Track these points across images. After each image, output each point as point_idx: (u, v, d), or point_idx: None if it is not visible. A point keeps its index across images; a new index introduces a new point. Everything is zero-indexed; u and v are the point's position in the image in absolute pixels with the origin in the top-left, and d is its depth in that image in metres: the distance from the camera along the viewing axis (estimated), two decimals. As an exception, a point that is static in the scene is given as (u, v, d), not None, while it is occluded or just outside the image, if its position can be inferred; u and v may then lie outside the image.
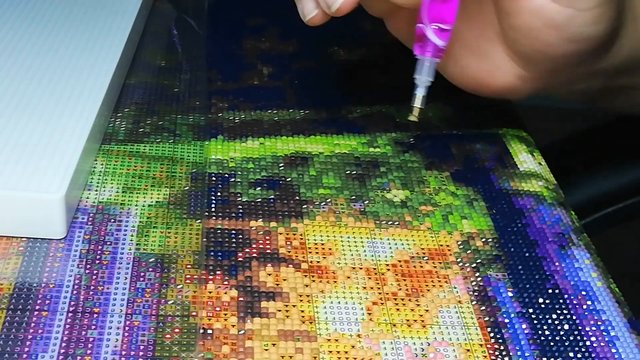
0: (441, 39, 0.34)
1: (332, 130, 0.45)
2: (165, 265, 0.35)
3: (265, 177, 0.41)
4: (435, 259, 0.37)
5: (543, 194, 0.42)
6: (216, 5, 0.58)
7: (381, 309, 0.34)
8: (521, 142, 0.47)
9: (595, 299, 0.36)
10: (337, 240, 0.38)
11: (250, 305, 0.34)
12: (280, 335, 0.32)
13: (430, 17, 0.34)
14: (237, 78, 0.50)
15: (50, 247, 0.35)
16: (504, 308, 0.35)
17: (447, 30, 0.34)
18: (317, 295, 0.34)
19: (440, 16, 0.34)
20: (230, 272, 0.35)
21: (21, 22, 0.47)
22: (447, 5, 0.33)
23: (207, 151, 0.42)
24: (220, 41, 0.54)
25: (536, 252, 0.38)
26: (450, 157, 0.44)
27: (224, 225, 0.38)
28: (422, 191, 0.42)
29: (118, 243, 0.36)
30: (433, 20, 0.34)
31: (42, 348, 0.30)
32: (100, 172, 0.39)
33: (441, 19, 0.34)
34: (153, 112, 0.45)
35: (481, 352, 0.33)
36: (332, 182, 0.41)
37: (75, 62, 0.44)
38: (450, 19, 0.34)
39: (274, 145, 0.44)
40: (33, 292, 0.33)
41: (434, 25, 0.34)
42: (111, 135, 0.42)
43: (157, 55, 0.50)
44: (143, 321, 0.32)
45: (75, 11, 0.49)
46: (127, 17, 0.49)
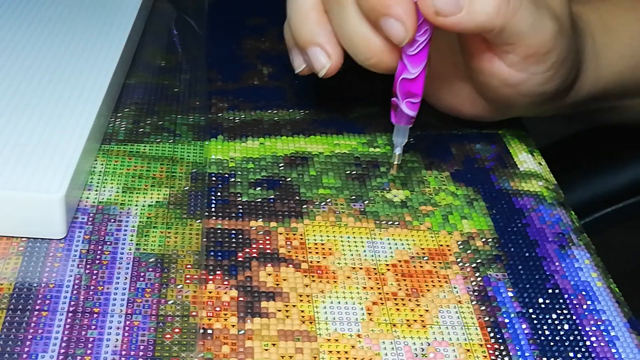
0: (412, 110, 0.39)
1: (332, 130, 0.45)
2: (165, 265, 0.35)
3: (265, 177, 0.41)
4: (435, 259, 0.37)
5: (543, 194, 0.42)
6: (216, 5, 0.58)
7: (381, 309, 0.34)
8: (521, 142, 0.47)
9: (595, 299, 0.36)
10: (337, 240, 0.38)
11: (250, 305, 0.34)
12: (280, 335, 0.32)
13: (402, 94, 0.39)
14: (237, 78, 0.50)
15: (50, 247, 0.35)
16: (504, 308, 0.35)
17: (417, 102, 0.39)
18: (317, 295, 0.34)
19: (411, 92, 0.39)
20: (230, 272, 0.35)
21: (21, 22, 0.47)
22: (415, 83, 0.38)
23: (207, 151, 0.42)
24: (220, 41, 0.54)
25: (536, 252, 0.38)
26: (450, 157, 0.45)
27: (224, 225, 0.38)
28: (422, 191, 0.42)
29: (118, 243, 0.36)
30: (405, 96, 0.39)
31: (42, 348, 0.30)
32: (100, 172, 0.40)
33: (411, 94, 0.39)
34: (153, 112, 0.45)
35: (481, 352, 0.33)
36: (332, 182, 0.41)
37: (75, 62, 0.44)
38: (419, 93, 0.39)
39: (274, 145, 0.44)
40: (33, 292, 0.33)
41: (406, 100, 0.39)
42: (111, 135, 0.42)
43: (157, 55, 0.50)
44: (143, 321, 0.32)
45: (75, 11, 0.49)
46: (127, 17, 0.49)
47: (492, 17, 0.37)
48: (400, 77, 0.38)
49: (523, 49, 0.39)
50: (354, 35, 0.38)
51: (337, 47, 0.39)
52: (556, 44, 0.39)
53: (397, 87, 0.39)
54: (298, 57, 0.42)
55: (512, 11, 0.37)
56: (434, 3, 0.36)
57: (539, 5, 0.38)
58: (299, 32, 0.40)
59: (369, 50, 0.38)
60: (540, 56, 0.39)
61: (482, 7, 0.37)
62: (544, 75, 0.40)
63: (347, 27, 0.38)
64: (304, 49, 0.40)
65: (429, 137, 0.46)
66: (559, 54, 0.40)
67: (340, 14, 0.38)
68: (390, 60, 0.38)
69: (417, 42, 0.37)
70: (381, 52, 0.38)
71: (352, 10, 0.38)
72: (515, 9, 0.37)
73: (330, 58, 0.40)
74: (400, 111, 0.39)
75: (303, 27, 0.40)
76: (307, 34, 0.40)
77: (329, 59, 0.40)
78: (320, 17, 0.39)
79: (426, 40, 0.37)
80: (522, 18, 0.38)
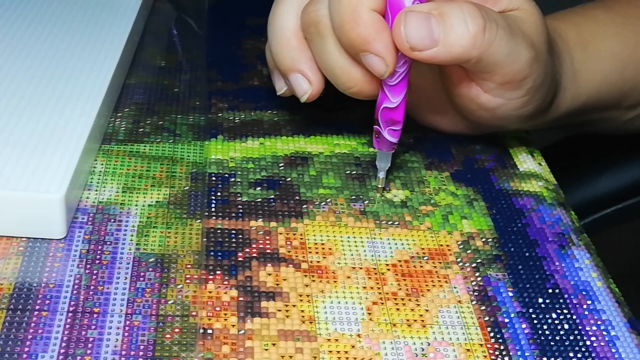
0: (394, 137, 0.40)
1: (332, 130, 0.45)
2: (165, 265, 0.35)
3: (265, 177, 0.41)
4: (435, 259, 0.37)
5: (543, 194, 0.42)
6: (216, 5, 0.58)
7: (381, 308, 0.34)
8: (521, 142, 0.47)
9: (595, 298, 0.36)
10: (337, 240, 0.38)
11: (250, 305, 0.34)
12: (280, 335, 0.32)
13: (384, 122, 0.39)
14: (237, 78, 0.50)
15: (50, 247, 0.35)
16: (504, 308, 0.35)
17: (399, 129, 0.39)
18: (317, 295, 0.34)
19: (392, 119, 0.39)
20: (230, 272, 0.35)
21: (21, 22, 0.47)
22: (396, 111, 0.39)
23: (207, 151, 0.42)
24: (220, 41, 0.54)
25: (536, 252, 0.38)
26: (450, 157, 0.45)
27: (224, 225, 0.38)
28: (422, 191, 0.42)
29: (118, 243, 0.36)
30: (386, 124, 0.39)
31: (42, 348, 0.30)
32: (100, 172, 0.40)
33: (393, 121, 0.39)
34: (153, 112, 0.45)
35: (481, 352, 0.33)
36: (332, 182, 0.41)
37: (75, 62, 0.44)
38: (400, 120, 0.39)
39: (274, 145, 0.44)
40: (33, 292, 0.33)
41: (388, 128, 0.39)
42: (111, 135, 0.42)
43: (157, 55, 0.50)
44: (143, 321, 0.32)
45: (75, 11, 0.49)
46: (127, 17, 0.49)
47: (468, 49, 0.38)
48: (381, 106, 0.39)
49: (499, 77, 0.40)
50: (335, 66, 0.39)
51: (318, 73, 0.40)
52: (532, 71, 0.40)
53: (379, 115, 0.39)
54: (280, 80, 0.42)
55: (487, 43, 0.38)
56: (408, 40, 0.37)
57: (515, 34, 0.39)
58: (280, 58, 0.40)
59: (350, 80, 0.39)
60: (516, 83, 0.40)
61: (457, 40, 0.37)
62: (520, 100, 0.41)
63: (327, 57, 0.39)
64: (285, 74, 0.41)
65: (429, 137, 0.46)
66: (534, 80, 0.40)
67: (321, 44, 0.39)
68: (372, 88, 0.39)
69: (397, 73, 0.38)
70: (362, 81, 0.39)
71: (331, 42, 0.38)
72: (490, 41, 0.38)
73: (311, 84, 0.40)
74: (382, 138, 0.39)
75: (284, 54, 0.40)
76: (289, 61, 0.40)
77: (310, 85, 0.40)
78: (301, 43, 0.40)
79: (406, 70, 0.38)
80: (498, 48, 0.38)
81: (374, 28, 0.37)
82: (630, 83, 0.49)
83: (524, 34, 0.40)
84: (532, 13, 0.41)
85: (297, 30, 0.40)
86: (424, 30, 0.37)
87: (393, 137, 0.39)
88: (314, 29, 0.39)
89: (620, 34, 0.49)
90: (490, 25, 0.38)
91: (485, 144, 0.46)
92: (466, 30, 0.37)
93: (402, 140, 0.45)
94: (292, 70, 0.40)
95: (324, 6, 0.38)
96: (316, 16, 0.38)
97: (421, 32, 0.37)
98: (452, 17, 0.37)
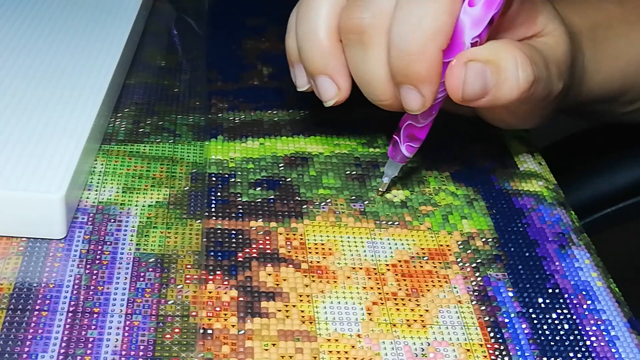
0: (410, 152, 0.39)
1: (332, 130, 0.45)
2: (165, 265, 0.35)
3: (265, 177, 0.41)
4: (435, 259, 0.37)
5: (543, 194, 0.42)
6: (216, 5, 0.58)
7: (381, 309, 0.34)
8: (521, 142, 0.47)
9: (595, 298, 0.36)
10: (337, 240, 0.38)
11: (250, 305, 0.34)
12: (280, 335, 0.32)
13: (405, 136, 0.39)
14: (237, 78, 0.50)
15: (50, 247, 0.35)
16: (504, 308, 0.35)
17: (417, 147, 0.39)
18: (317, 295, 0.34)
19: (414, 136, 0.39)
20: (230, 272, 0.35)
21: (21, 22, 0.47)
22: (421, 130, 0.38)
23: (207, 151, 0.42)
24: (220, 41, 0.54)
25: (536, 252, 0.38)
26: (450, 157, 0.44)
27: (224, 225, 0.38)
28: (422, 191, 0.42)
29: (118, 243, 0.36)
30: (407, 139, 0.39)
31: (42, 348, 0.30)
32: (100, 172, 0.40)
33: (414, 137, 0.39)
34: (153, 112, 0.45)
35: (481, 352, 0.33)
36: (332, 182, 0.41)
37: (75, 62, 0.44)
38: (421, 139, 0.39)
39: (274, 145, 0.44)
40: (33, 292, 0.33)
41: (407, 143, 0.39)
42: (111, 135, 0.42)
43: (157, 55, 0.50)
44: (143, 321, 0.32)
45: (75, 11, 0.49)
46: (127, 17, 0.49)
47: (513, 100, 0.37)
48: (407, 121, 0.38)
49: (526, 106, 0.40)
50: (372, 77, 0.37)
51: (348, 79, 0.39)
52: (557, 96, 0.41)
53: (403, 128, 0.38)
54: (302, 76, 0.40)
55: (532, 94, 0.37)
56: (463, 92, 0.36)
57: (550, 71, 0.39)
58: (309, 57, 0.38)
59: (385, 93, 0.38)
60: None
61: (506, 93, 0.37)
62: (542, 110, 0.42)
63: (366, 67, 0.37)
64: (312, 75, 0.39)
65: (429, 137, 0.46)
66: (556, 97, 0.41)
67: (361, 53, 0.37)
68: None
69: None
70: (395, 97, 0.37)
71: (375, 54, 0.37)
72: (535, 92, 0.38)
73: (340, 90, 0.39)
74: (398, 149, 0.39)
75: (315, 55, 0.38)
76: (319, 63, 0.38)
77: (338, 90, 0.39)
78: (335, 46, 0.38)
79: (441, 100, 0.37)
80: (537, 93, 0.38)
81: (437, 70, 0.36)
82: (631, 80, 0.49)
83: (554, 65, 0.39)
84: (562, 40, 0.40)
85: (332, 30, 0.38)
86: (479, 83, 0.36)
87: (409, 152, 0.39)
88: (356, 37, 0.37)
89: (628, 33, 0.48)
90: (538, 79, 0.37)
91: (485, 144, 0.46)
92: (516, 85, 0.36)
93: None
94: (321, 73, 0.39)
95: (371, 14, 0.36)
96: (361, 24, 0.36)
97: (476, 85, 0.36)
98: (506, 70, 0.36)
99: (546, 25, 0.40)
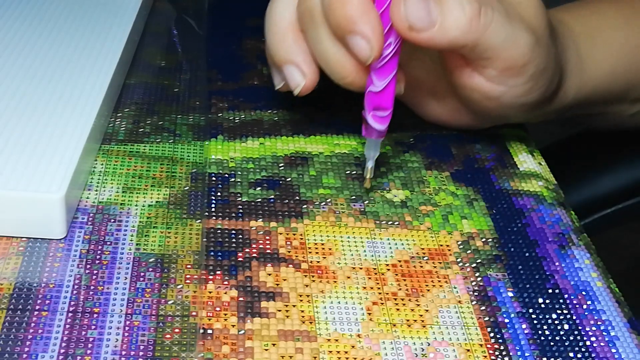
0: (380, 123, 0.39)
1: (332, 130, 0.45)
2: (165, 265, 0.35)
3: (265, 177, 0.41)
4: (435, 259, 0.37)
5: (543, 194, 0.42)
6: (216, 5, 0.58)
7: (381, 309, 0.34)
8: (521, 142, 0.47)
9: (595, 299, 0.36)
10: (337, 240, 0.38)
11: (250, 305, 0.34)
12: (280, 335, 0.32)
13: (370, 107, 0.38)
14: (237, 78, 0.50)
15: (50, 247, 0.35)
16: (504, 308, 0.35)
17: (386, 116, 0.38)
18: (317, 295, 0.34)
19: (379, 105, 0.38)
20: (230, 272, 0.35)
21: (21, 22, 0.47)
22: (383, 97, 0.38)
23: (207, 151, 0.42)
24: (220, 41, 0.54)
25: (536, 252, 0.38)
26: (450, 157, 0.45)
27: (224, 225, 0.38)
28: (422, 191, 0.42)
29: (118, 243, 0.36)
30: (373, 109, 0.38)
31: (42, 348, 0.30)
32: (100, 172, 0.40)
33: (379, 107, 0.38)
34: (153, 112, 0.45)
35: (481, 352, 0.33)
36: (332, 182, 0.41)
37: (75, 62, 0.44)
38: (387, 107, 0.38)
39: (274, 145, 0.44)
40: (33, 292, 0.33)
41: (372, 113, 0.38)
42: (111, 135, 0.42)
43: (157, 55, 0.50)
44: (143, 321, 0.32)
45: (75, 11, 0.49)
46: (127, 17, 0.49)
47: (464, 33, 0.38)
48: (367, 90, 0.38)
49: (499, 63, 0.39)
50: (328, 55, 0.39)
51: (312, 65, 0.40)
52: (533, 56, 0.40)
53: (365, 100, 0.39)
54: (277, 74, 0.42)
55: (483, 27, 0.38)
56: (408, 17, 0.37)
57: (512, 19, 0.39)
58: (275, 50, 0.41)
59: (344, 70, 0.39)
60: (517, 69, 0.40)
61: (454, 23, 0.37)
62: (524, 87, 0.41)
63: (321, 47, 0.39)
64: (280, 67, 0.41)
65: (429, 137, 0.46)
66: (537, 65, 0.40)
67: (315, 34, 0.39)
68: (365, 79, 0.39)
69: (382, 55, 0.37)
70: (355, 71, 0.39)
71: (325, 30, 0.38)
72: (486, 25, 0.38)
73: (305, 76, 0.40)
74: (370, 126, 0.39)
75: (280, 46, 0.40)
76: (283, 53, 0.40)
77: (304, 77, 0.40)
78: (297, 36, 0.40)
79: (392, 53, 0.37)
80: (495, 32, 0.38)
81: (360, 8, 0.37)
82: (636, 76, 0.49)
83: (522, 18, 0.39)
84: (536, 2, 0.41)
85: (294, 23, 0.40)
86: (423, 11, 0.37)
87: (379, 123, 0.39)
88: (308, 18, 0.39)
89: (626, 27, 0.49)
90: (485, 9, 0.38)
91: (485, 144, 0.46)
92: (462, 13, 0.37)
93: (402, 140, 0.45)
94: (286, 62, 0.40)
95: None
96: (311, 4, 0.38)
97: (420, 11, 0.37)
98: (449, 0, 0.37)
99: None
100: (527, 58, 0.39)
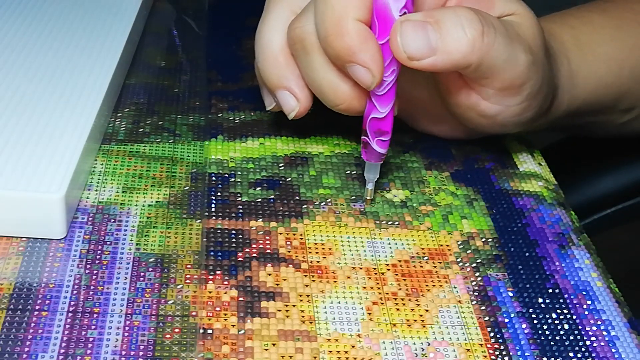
0: (382, 147, 0.39)
1: (332, 130, 0.45)
2: (165, 265, 0.35)
3: (265, 177, 0.41)
4: (435, 259, 0.37)
5: (543, 194, 0.42)
6: (216, 5, 0.58)
7: (381, 308, 0.34)
8: (521, 142, 0.47)
9: (595, 298, 0.36)
10: (337, 240, 0.38)
11: (250, 305, 0.34)
12: (280, 335, 0.32)
13: (372, 132, 0.38)
14: (237, 78, 0.50)
15: (50, 247, 0.35)
16: (504, 308, 0.35)
17: (387, 140, 0.39)
18: (317, 295, 0.34)
19: (381, 130, 0.38)
20: (230, 272, 0.35)
21: (21, 22, 0.47)
22: (385, 122, 0.38)
23: (207, 151, 0.42)
24: (220, 41, 0.54)
25: (536, 252, 0.38)
26: (450, 157, 0.45)
27: (224, 225, 0.38)
28: (422, 191, 0.42)
29: (118, 243, 0.36)
30: (375, 135, 0.38)
31: (42, 348, 0.30)
32: (100, 172, 0.40)
33: (381, 132, 0.38)
34: (153, 112, 0.45)
35: (481, 352, 0.33)
36: (332, 182, 0.41)
37: (75, 62, 0.44)
38: (388, 131, 0.38)
39: (274, 145, 0.44)
40: (33, 292, 0.33)
41: (377, 139, 0.39)
42: (111, 135, 0.42)
43: (157, 56, 0.51)
44: (143, 321, 0.32)
45: (75, 11, 0.49)
46: (127, 17, 0.49)
47: (467, 55, 0.37)
48: (369, 116, 0.38)
49: (498, 82, 0.39)
50: (322, 82, 0.38)
51: (305, 90, 0.40)
52: (530, 76, 0.40)
53: (367, 126, 0.38)
54: (268, 96, 0.42)
55: (486, 47, 0.37)
56: (405, 50, 0.36)
57: (512, 39, 0.39)
58: (267, 75, 0.40)
59: (338, 97, 0.38)
60: (515, 89, 0.40)
61: (455, 46, 0.37)
62: (519, 107, 0.41)
63: (314, 74, 0.38)
64: (272, 91, 0.41)
65: (429, 137, 0.46)
66: (532, 85, 0.40)
67: (307, 60, 0.38)
68: (360, 104, 0.38)
69: (385, 83, 0.37)
70: (350, 98, 0.38)
71: (318, 58, 0.38)
72: (489, 45, 0.38)
73: (299, 101, 0.40)
74: (370, 149, 0.39)
75: (271, 71, 0.40)
76: (275, 78, 0.40)
77: (298, 102, 0.40)
78: (288, 60, 0.40)
79: (394, 80, 0.37)
80: (497, 52, 0.38)
81: (359, 38, 0.36)
82: (626, 86, 0.49)
83: (521, 38, 0.39)
84: (528, 17, 0.40)
85: (284, 46, 0.40)
86: (421, 39, 0.36)
87: (382, 147, 0.39)
88: (299, 46, 0.38)
89: (616, 37, 0.49)
90: (488, 30, 0.37)
91: (485, 144, 0.46)
92: (464, 35, 0.37)
93: (402, 140, 0.45)
94: (279, 87, 0.40)
95: (310, 22, 0.38)
96: (302, 32, 0.38)
97: (418, 41, 0.36)
98: (448, 24, 0.37)
99: (505, 5, 0.40)
100: (524, 78, 0.39)
